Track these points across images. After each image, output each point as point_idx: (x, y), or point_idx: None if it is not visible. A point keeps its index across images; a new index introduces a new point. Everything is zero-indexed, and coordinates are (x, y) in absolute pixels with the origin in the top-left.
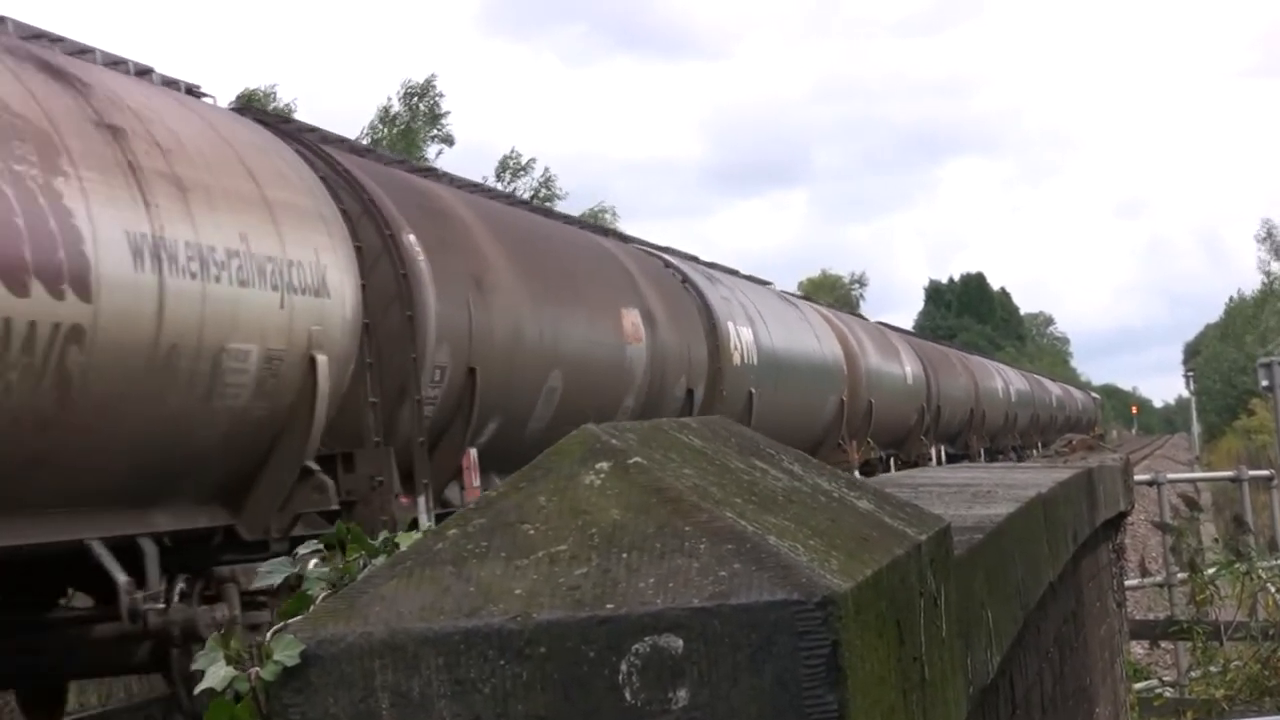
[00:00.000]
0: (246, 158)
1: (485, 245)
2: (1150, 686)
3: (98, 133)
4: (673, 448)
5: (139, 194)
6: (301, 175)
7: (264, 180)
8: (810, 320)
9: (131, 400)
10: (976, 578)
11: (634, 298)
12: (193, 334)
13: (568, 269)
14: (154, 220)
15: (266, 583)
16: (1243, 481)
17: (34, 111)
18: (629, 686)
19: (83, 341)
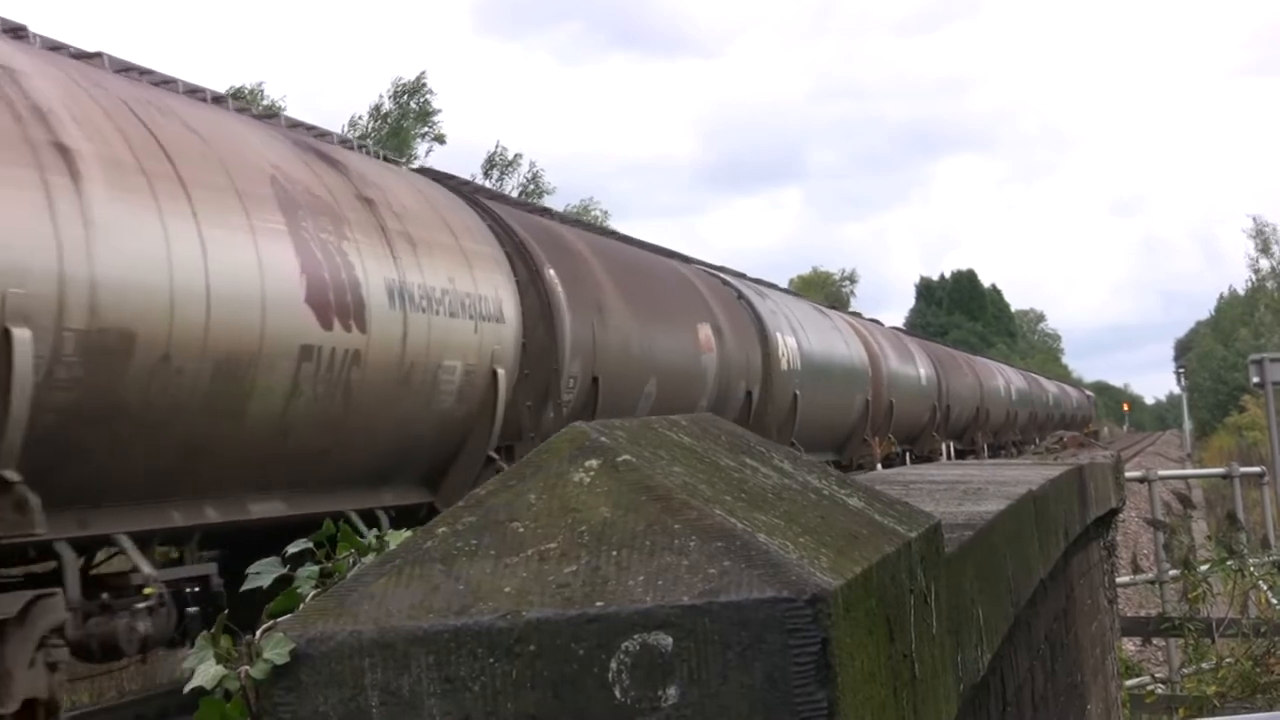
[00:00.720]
0: (444, 215)
1: (600, 276)
2: (1142, 683)
3: (360, 204)
4: (662, 445)
5: (389, 250)
6: (478, 226)
7: (458, 233)
8: (839, 328)
9: (385, 405)
10: (967, 575)
11: (706, 314)
12: (422, 354)
13: (656, 292)
14: (399, 269)
15: (255, 584)
16: (1234, 478)
17: (323, 191)
18: (619, 684)
19: (360, 362)
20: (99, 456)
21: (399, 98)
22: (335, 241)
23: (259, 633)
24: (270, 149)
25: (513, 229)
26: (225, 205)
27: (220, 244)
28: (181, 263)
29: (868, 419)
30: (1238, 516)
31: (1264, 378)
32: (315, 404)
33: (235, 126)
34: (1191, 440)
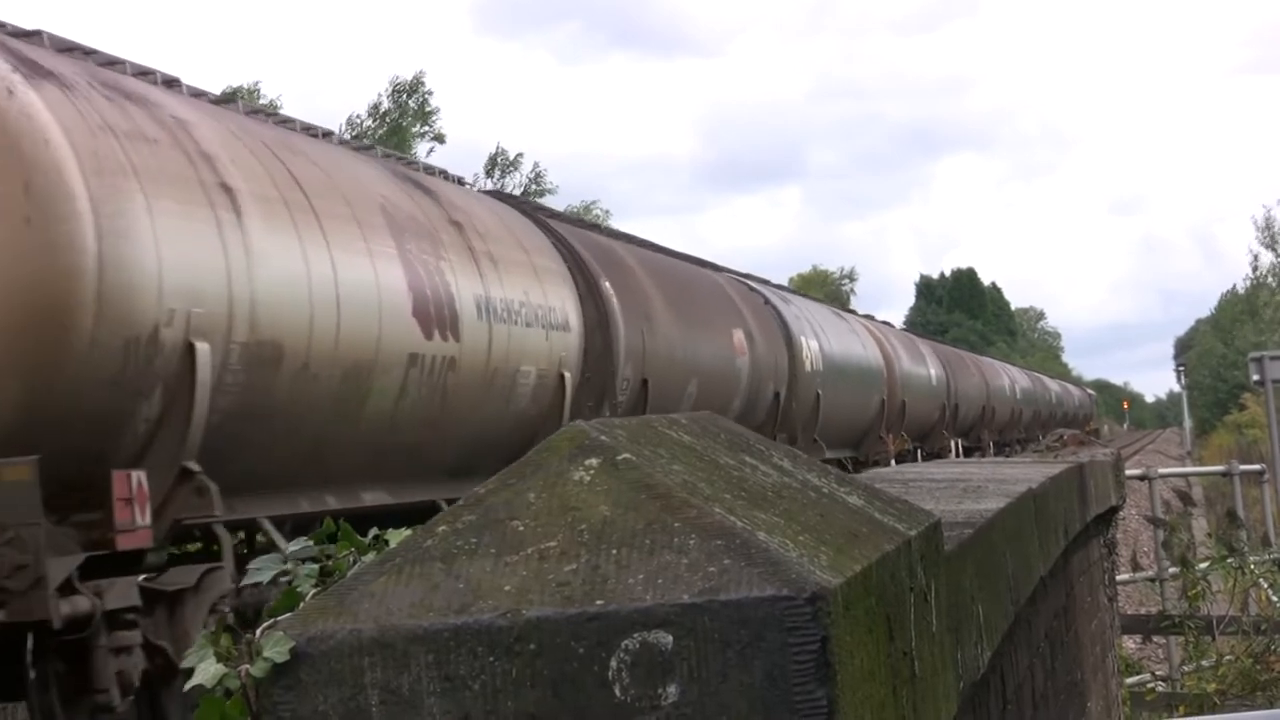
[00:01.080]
0: (516, 234)
1: (647, 287)
2: (1142, 681)
3: (451, 227)
4: (662, 444)
5: (476, 267)
6: (544, 244)
7: (529, 250)
8: (856, 331)
9: (473, 406)
10: (967, 573)
11: (738, 320)
12: (503, 361)
13: (695, 300)
14: (484, 285)
15: (255, 579)
16: (1234, 476)
17: (422, 217)
18: (619, 683)
19: (455, 368)
20: (250, 451)
21: (397, 97)
22: (434, 261)
23: (259, 631)
24: (377, 180)
25: (572, 245)
26: (348, 231)
27: (346, 266)
28: (318, 283)
29: (883, 417)
30: (1238, 514)
31: (1264, 375)
32: (418, 404)
33: (347, 160)
34: (1191, 438)
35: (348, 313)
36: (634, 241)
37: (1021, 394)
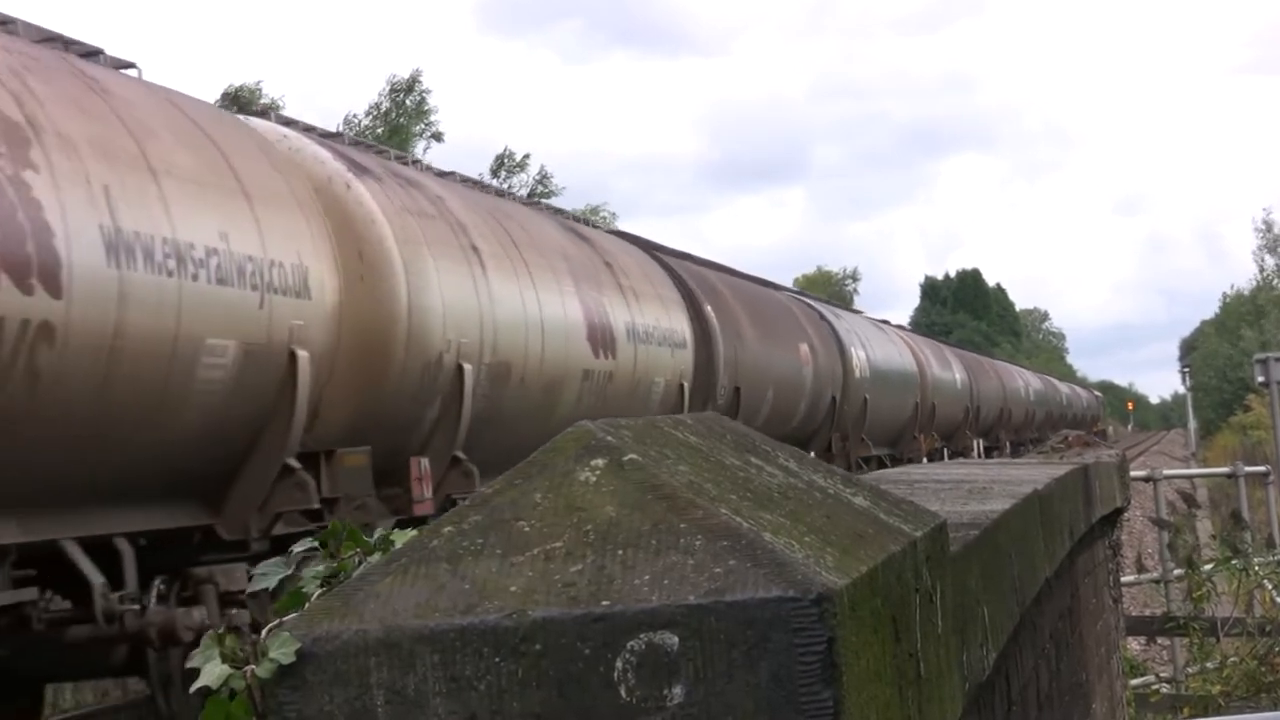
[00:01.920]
0: (644, 270)
1: (735, 308)
2: (1147, 682)
3: (605, 268)
4: (668, 444)
5: (624, 299)
6: (663, 276)
7: (655, 283)
8: (894, 340)
9: (621, 411)
10: (972, 574)
11: (803, 334)
12: (644, 374)
13: (770, 318)
14: (631, 313)
15: (261, 585)
16: (1239, 477)
17: (585, 260)
18: (624, 683)
19: (612, 380)
20: (484, 447)
21: (394, 95)
22: (597, 296)
23: (264, 632)
24: (555, 232)
25: (681, 276)
26: (545, 276)
27: (546, 304)
28: (530, 316)
29: (916, 418)
30: (1242, 515)
31: (1269, 377)
32: (588, 410)
33: (534, 218)
34: (1196, 439)
35: (548, 340)
36: (722, 269)
37: (1035, 396)
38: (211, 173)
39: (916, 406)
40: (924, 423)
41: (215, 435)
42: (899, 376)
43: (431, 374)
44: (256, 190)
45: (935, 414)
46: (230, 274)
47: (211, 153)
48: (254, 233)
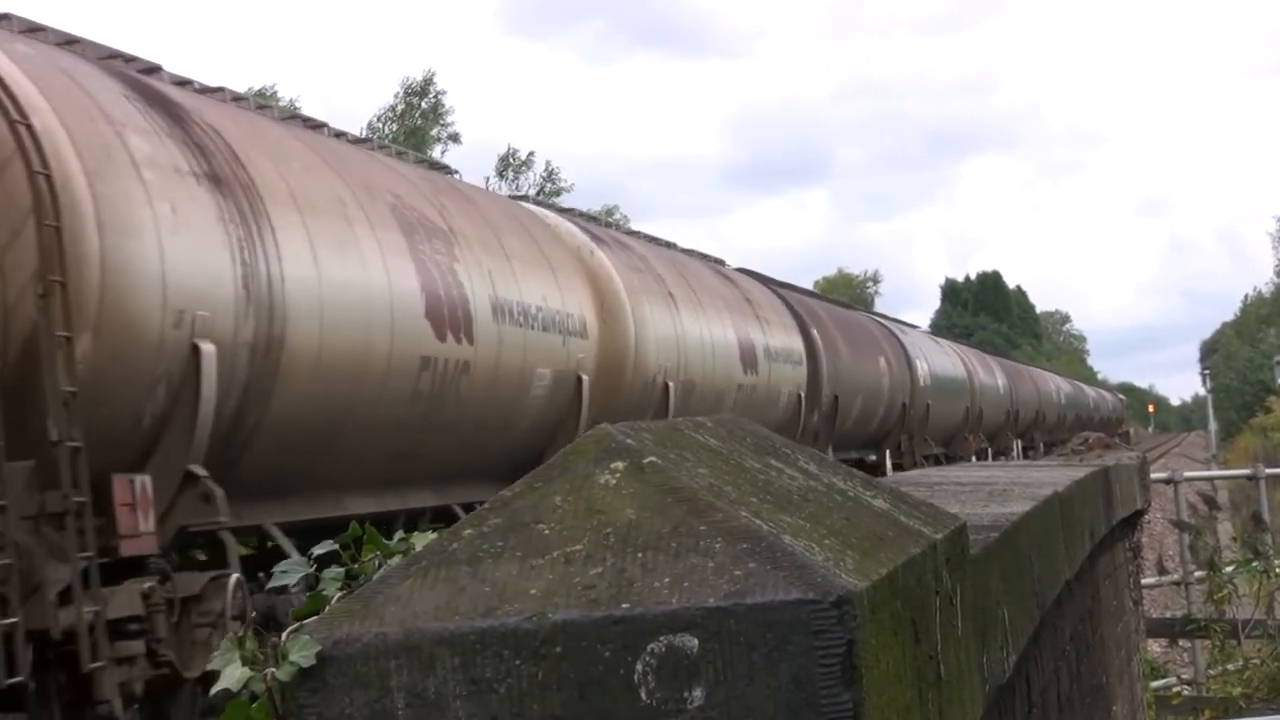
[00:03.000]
0: (767, 301)
1: (832, 329)
2: (1167, 685)
3: (746, 303)
4: (688, 447)
5: (760, 327)
6: (780, 305)
7: (776, 311)
8: (947, 351)
9: (760, 417)
10: (992, 576)
11: (880, 349)
12: (776, 386)
13: (856, 336)
14: (766, 337)
15: (282, 582)
16: (1260, 479)
17: (735, 298)
18: (644, 686)
19: (754, 391)
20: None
21: (409, 97)
22: (745, 325)
23: (285, 635)
24: (711, 276)
25: (793, 305)
26: (711, 312)
27: (715, 334)
28: (705, 344)
29: (967, 421)
30: (1263, 517)
31: None
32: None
33: (698, 266)
34: (1217, 441)
35: (716, 361)
36: (819, 296)
37: (1065, 399)
38: (531, 252)
39: (967, 410)
40: (973, 424)
41: (532, 435)
42: (953, 384)
43: (648, 390)
44: (554, 262)
45: (982, 417)
46: (550, 323)
47: (527, 237)
48: (557, 293)
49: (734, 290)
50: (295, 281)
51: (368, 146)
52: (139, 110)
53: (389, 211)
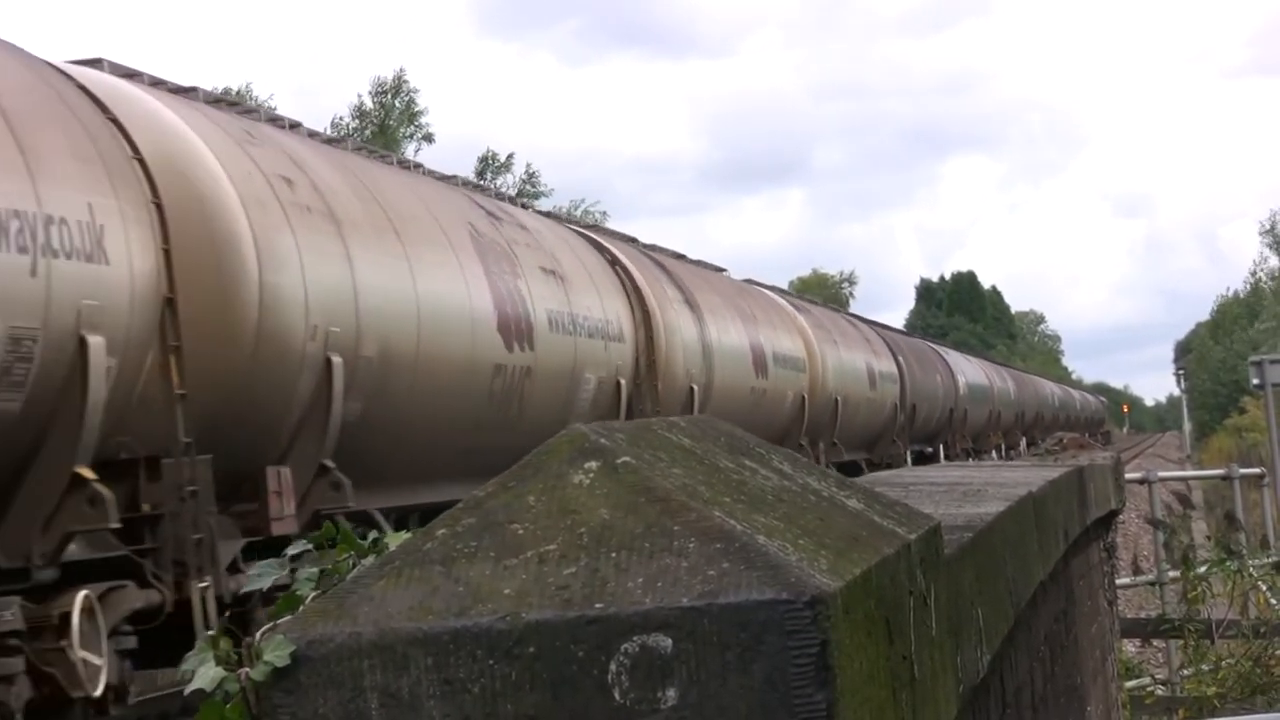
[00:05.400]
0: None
1: (910, 354)
2: (1142, 684)
3: (867, 343)
4: (661, 447)
5: (874, 356)
6: (878, 338)
7: (880, 345)
8: (976, 365)
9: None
10: (967, 576)
11: (935, 368)
12: (884, 401)
13: (922, 355)
14: (878, 364)
15: (256, 585)
16: (1234, 479)
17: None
18: (618, 686)
19: (870, 404)
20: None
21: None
22: (869, 358)
23: (259, 635)
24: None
25: (885, 337)
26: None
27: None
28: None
29: (989, 422)
30: (1237, 517)
31: (1264, 379)
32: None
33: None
34: (1191, 441)
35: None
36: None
37: (1058, 402)
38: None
39: (990, 413)
40: (993, 425)
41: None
42: (981, 392)
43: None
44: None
45: (1000, 418)
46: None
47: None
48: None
49: (855, 330)
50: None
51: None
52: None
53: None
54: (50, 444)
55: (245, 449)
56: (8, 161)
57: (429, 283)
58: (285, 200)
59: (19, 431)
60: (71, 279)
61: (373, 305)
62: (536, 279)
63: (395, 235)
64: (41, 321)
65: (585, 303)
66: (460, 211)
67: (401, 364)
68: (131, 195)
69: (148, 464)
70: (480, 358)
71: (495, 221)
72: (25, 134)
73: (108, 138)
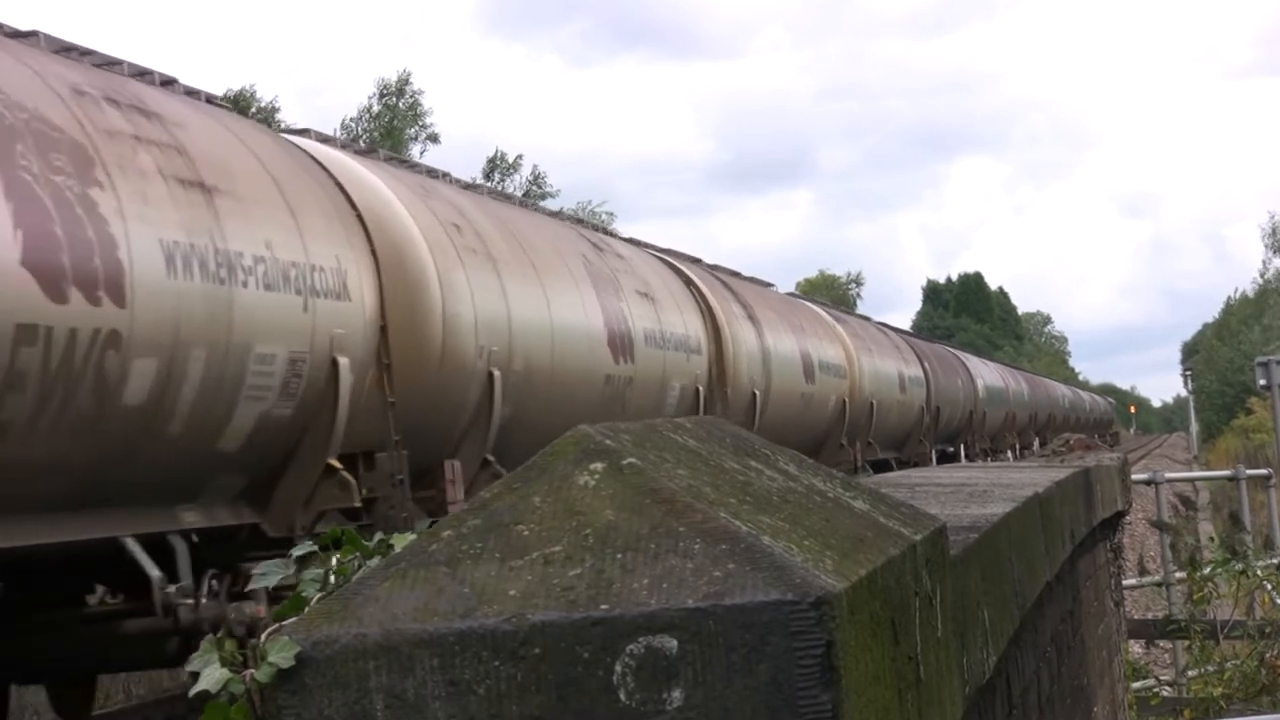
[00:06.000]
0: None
1: (934, 360)
2: (1148, 685)
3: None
4: (667, 448)
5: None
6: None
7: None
8: (994, 370)
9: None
10: (972, 577)
11: (958, 373)
12: (912, 404)
13: (947, 363)
14: (907, 369)
15: (261, 584)
16: (1240, 480)
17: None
18: (623, 687)
19: (903, 408)
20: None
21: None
22: (900, 365)
23: (264, 636)
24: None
25: (914, 346)
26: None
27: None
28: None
29: (1005, 422)
30: (1242, 518)
31: (1270, 380)
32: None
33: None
34: (1198, 443)
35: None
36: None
37: (1069, 404)
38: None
39: (1006, 415)
40: (1009, 426)
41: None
42: (998, 394)
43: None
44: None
45: (1015, 420)
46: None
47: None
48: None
49: (886, 338)
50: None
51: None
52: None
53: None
54: (309, 441)
55: (429, 446)
56: (285, 223)
57: (558, 308)
58: (457, 244)
59: (289, 431)
60: (328, 313)
61: (520, 327)
62: (634, 301)
63: (533, 269)
64: (309, 347)
65: (671, 320)
66: (574, 244)
67: (540, 375)
68: (358, 244)
69: (365, 457)
70: (595, 369)
71: (599, 252)
72: (291, 198)
73: (338, 197)
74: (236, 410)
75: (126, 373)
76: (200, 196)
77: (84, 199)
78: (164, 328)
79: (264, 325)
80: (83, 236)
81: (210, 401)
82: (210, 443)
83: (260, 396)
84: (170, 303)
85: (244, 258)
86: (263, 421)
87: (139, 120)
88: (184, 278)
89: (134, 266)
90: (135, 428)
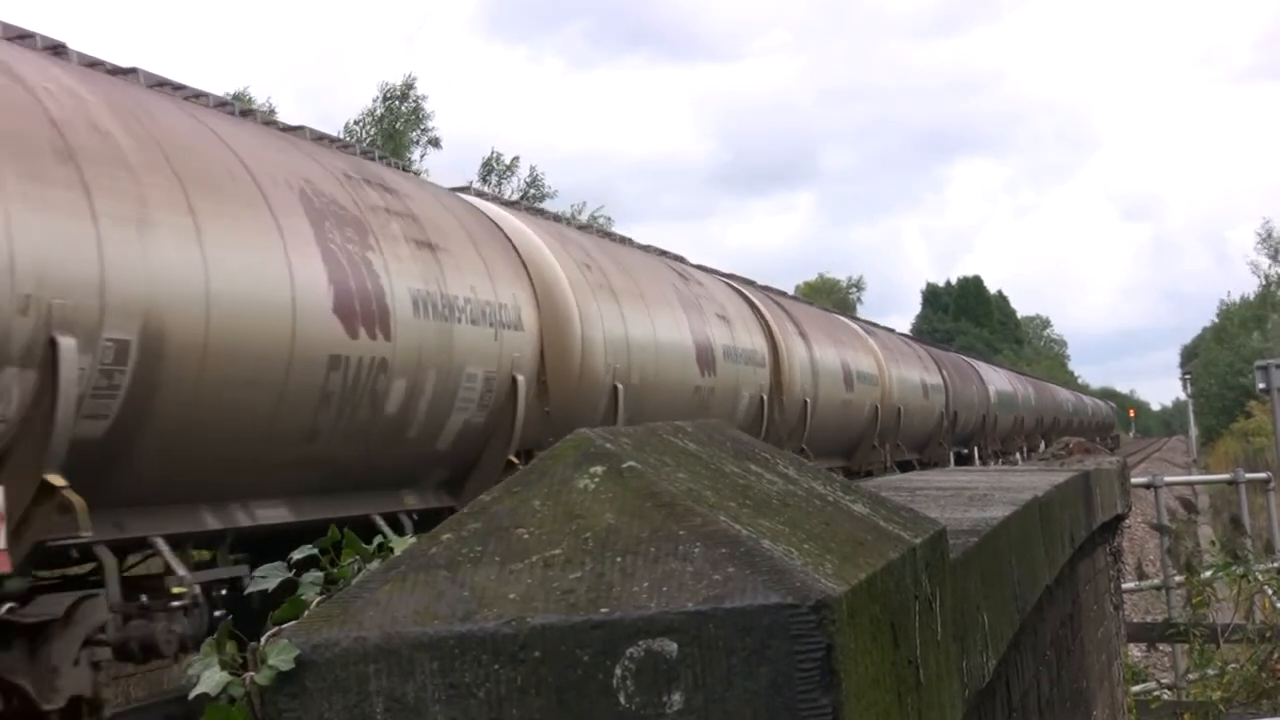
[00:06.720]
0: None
1: (951, 368)
2: (1148, 689)
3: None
4: (667, 452)
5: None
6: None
7: (931, 363)
8: (1003, 375)
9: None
10: (972, 581)
11: (972, 380)
12: (933, 410)
13: (962, 372)
14: (930, 378)
15: (261, 587)
16: (1240, 484)
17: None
18: (623, 690)
19: (925, 412)
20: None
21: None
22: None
23: (264, 639)
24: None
25: (935, 357)
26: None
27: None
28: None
29: (1015, 425)
30: (1242, 522)
31: (1270, 384)
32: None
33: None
34: (1197, 446)
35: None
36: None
37: (1072, 408)
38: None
39: (1015, 419)
40: (1018, 429)
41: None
42: (1008, 399)
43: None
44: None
45: (1024, 423)
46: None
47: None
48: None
49: (910, 349)
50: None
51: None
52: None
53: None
54: (494, 442)
55: None
56: (481, 271)
57: (661, 330)
58: (589, 281)
59: (481, 434)
60: (510, 341)
61: (635, 348)
62: (714, 322)
63: (641, 299)
64: (498, 367)
65: (741, 337)
66: (667, 275)
67: (649, 387)
68: (524, 284)
69: (527, 455)
70: (687, 381)
71: (685, 280)
72: (483, 251)
73: (507, 246)
74: (450, 418)
75: (389, 390)
76: (429, 254)
77: (364, 260)
78: (412, 355)
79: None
80: (365, 288)
81: (436, 411)
82: (431, 443)
83: (465, 407)
84: (416, 336)
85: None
86: (465, 427)
87: (387, 196)
88: (424, 316)
89: (396, 309)
90: (390, 432)
